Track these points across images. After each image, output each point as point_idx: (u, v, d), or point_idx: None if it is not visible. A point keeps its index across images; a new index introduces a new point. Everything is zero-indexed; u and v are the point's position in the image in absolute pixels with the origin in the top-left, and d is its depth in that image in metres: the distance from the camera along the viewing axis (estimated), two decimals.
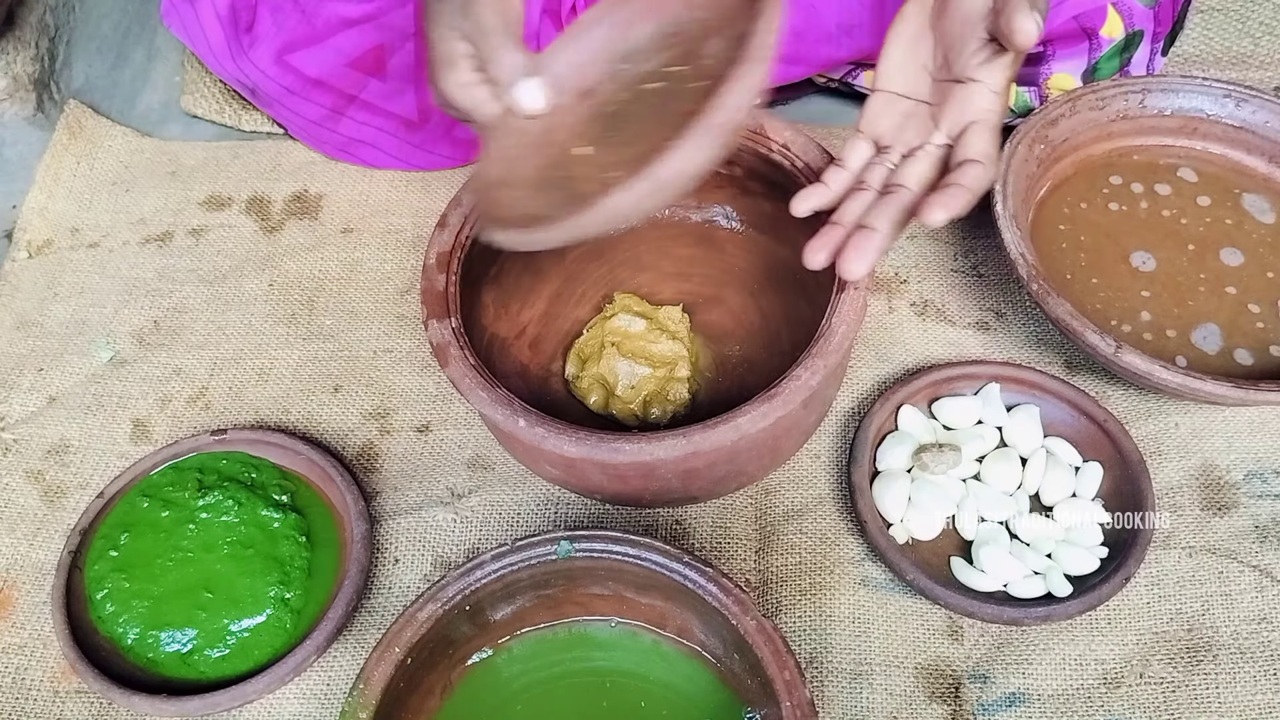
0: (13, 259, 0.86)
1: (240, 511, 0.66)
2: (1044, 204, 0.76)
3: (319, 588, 0.65)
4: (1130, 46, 0.77)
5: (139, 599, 0.64)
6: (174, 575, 0.64)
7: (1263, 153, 0.76)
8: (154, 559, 0.65)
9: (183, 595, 0.64)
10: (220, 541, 0.65)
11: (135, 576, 0.65)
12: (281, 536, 0.66)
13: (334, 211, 0.87)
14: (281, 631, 0.63)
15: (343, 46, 0.80)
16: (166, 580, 0.64)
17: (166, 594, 0.64)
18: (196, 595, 0.64)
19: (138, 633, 0.63)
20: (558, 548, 0.57)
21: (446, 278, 0.64)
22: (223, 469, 0.69)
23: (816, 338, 0.58)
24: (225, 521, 0.66)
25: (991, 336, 0.76)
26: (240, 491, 0.67)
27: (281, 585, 0.64)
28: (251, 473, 0.69)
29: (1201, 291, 0.71)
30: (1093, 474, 0.66)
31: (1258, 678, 0.61)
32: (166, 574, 0.65)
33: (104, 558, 0.65)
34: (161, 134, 0.95)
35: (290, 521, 0.67)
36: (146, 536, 0.66)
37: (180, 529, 0.66)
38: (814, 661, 0.63)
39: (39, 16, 0.98)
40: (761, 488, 0.70)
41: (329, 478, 0.68)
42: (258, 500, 0.67)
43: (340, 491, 0.68)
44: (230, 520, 0.66)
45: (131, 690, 0.60)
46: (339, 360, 0.78)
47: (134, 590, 0.64)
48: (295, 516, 0.67)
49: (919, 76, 0.59)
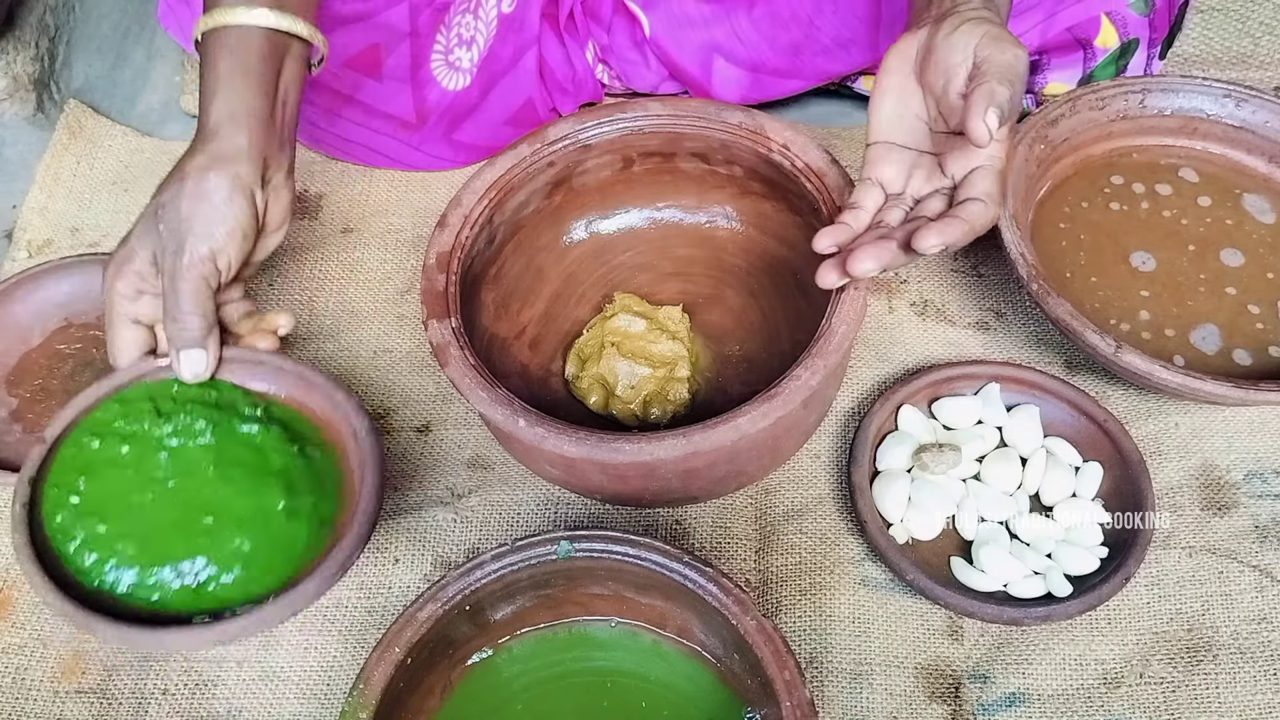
0: (13, 259, 0.86)
1: (216, 431, 0.60)
2: (1044, 204, 0.76)
3: (327, 491, 0.60)
4: (1126, 54, 0.77)
5: (123, 541, 0.57)
6: (159, 508, 0.58)
7: (1263, 153, 0.76)
8: (127, 496, 0.58)
9: (177, 527, 0.57)
10: (202, 465, 0.59)
11: (110, 518, 0.58)
12: (269, 449, 0.60)
13: (334, 211, 0.87)
14: (298, 541, 0.58)
15: (337, 45, 0.80)
16: (152, 516, 0.58)
17: (157, 529, 0.57)
18: (194, 523, 0.57)
19: (134, 576, 0.56)
20: (558, 548, 0.57)
21: (446, 278, 0.64)
22: (177, 395, 0.62)
23: (816, 338, 0.58)
24: (201, 445, 0.60)
25: (991, 336, 0.76)
26: (207, 411, 0.61)
27: (287, 495, 0.59)
28: (211, 392, 0.62)
29: (1201, 292, 0.71)
30: (1093, 474, 0.66)
31: (1258, 678, 0.61)
32: (148, 509, 0.58)
33: (65, 507, 0.58)
34: (161, 134, 0.95)
35: (273, 433, 0.61)
36: (109, 476, 0.59)
37: (149, 461, 0.59)
38: (814, 661, 0.63)
39: (39, 16, 0.98)
40: (761, 488, 0.70)
41: (307, 384, 0.63)
42: (230, 417, 0.61)
43: (324, 395, 0.62)
44: (206, 442, 0.60)
45: (160, 628, 0.54)
46: (339, 360, 0.78)
47: (114, 533, 0.57)
48: (276, 427, 0.61)
49: (915, 127, 0.58)
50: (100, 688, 0.65)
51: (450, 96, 0.83)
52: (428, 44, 0.80)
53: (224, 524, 0.57)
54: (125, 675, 0.65)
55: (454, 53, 0.81)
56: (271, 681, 0.65)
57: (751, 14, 0.82)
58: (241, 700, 0.64)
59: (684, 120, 0.69)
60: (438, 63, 0.81)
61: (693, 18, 0.83)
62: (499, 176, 0.67)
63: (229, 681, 0.65)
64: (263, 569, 0.57)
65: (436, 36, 0.80)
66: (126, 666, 0.65)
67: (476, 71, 0.82)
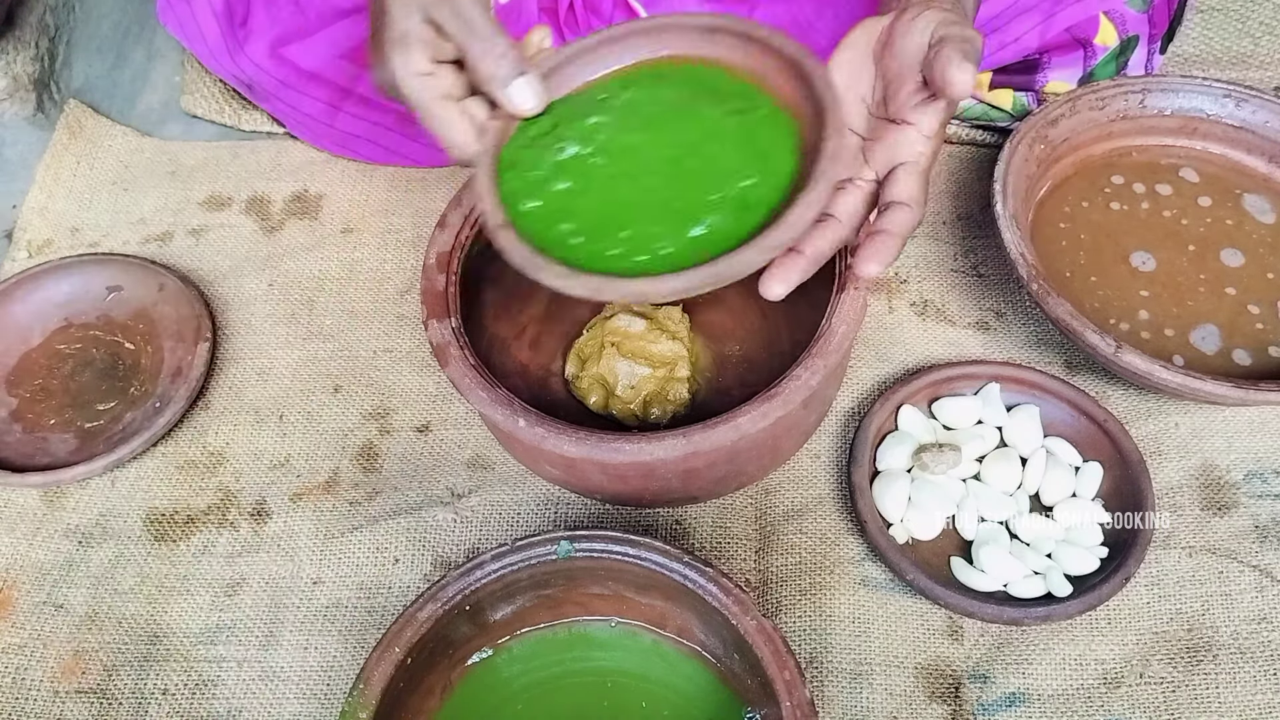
0: (13, 259, 0.86)
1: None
2: (1044, 204, 0.76)
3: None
4: (1126, 51, 0.77)
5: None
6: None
7: (1263, 153, 0.76)
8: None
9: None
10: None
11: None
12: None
13: (334, 211, 0.87)
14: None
15: (336, 38, 0.80)
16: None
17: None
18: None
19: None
20: (558, 548, 0.57)
21: (446, 278, 0.64)
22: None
23: (816, 338, 0.58)
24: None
25: (991, 336, 0.76)
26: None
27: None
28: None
29: (1201, 292, 0.71)
30: (1093, 474, 0.66)
31: (1258, 678, 0.61)
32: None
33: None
34: (161, 134, 0.95)
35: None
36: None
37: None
38: (814, 661, 0.63)
39: (39, 16, 0.98)
40: (761, 488, 0.70)
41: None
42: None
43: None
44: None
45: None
46: (339, 360, 0.78)
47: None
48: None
49: (856, 108, 0.57)
50: (100, 688, 0.65)
51: None
52: None
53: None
54: (125, 675, 0.65)
55: None
56: (271, 681, 0.65)
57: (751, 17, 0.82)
58: (241, 700, 0.64)
59: None
60: None
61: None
62: None
63: (229, 681, 0.65)
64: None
65: None
66: (126, 666, 0.66)
67: None
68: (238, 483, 0.73)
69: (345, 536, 0.70)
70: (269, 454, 0.74)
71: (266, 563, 0.69)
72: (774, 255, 0.48)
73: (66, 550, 0.71)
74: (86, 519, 0.72)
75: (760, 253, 0.47)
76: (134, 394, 0.77)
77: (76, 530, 0.71)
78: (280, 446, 0.74)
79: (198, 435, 0.75)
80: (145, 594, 0.68)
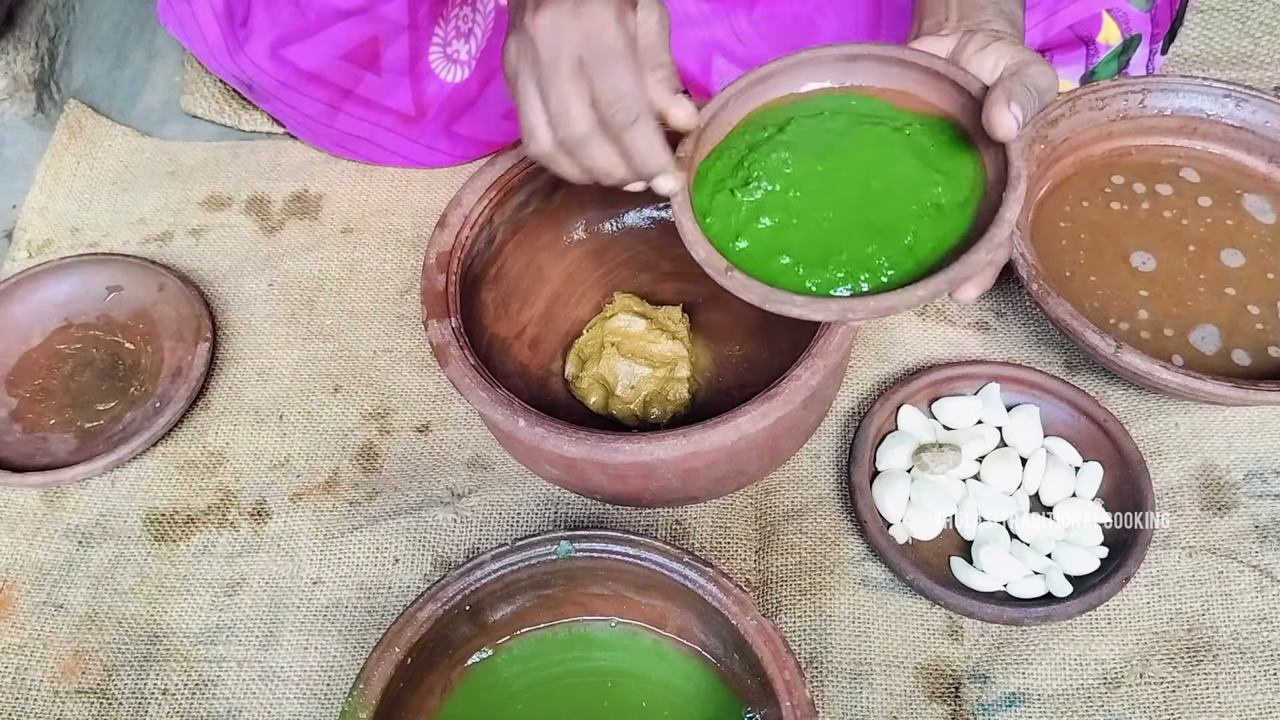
0: (13, 259, 0.86)
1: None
2: (1044, 204, 0.76)
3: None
4: (1128, 50, 0.77)
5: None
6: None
7: (1263, 153, 0.76)
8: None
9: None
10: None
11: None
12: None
13: (334, 211, 0.87)
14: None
15: (336, 39, 0.80)
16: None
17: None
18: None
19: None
20: (558, 548, 0.57)
21: (446, 278, 0.64)
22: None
23: (816, 337, 0.58)
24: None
25: (991, 336, 0.76)
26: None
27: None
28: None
29: (1201, 292, 0.71)
30: (1093, 474, 0.66)
31: (1258, 678, 0.61)
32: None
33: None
34: (161, 134, 0.95)
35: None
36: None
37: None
38: (814, 661, 0.63)
39: (39, 16, 0.98)
40: (761, 488, 0.70)
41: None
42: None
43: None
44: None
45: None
46: (339, 360, 0.78)
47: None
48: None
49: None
50: (100, 688, 0.65)
51: (449, 89, 0.83)
52: (426, 37, 0.80)
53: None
54: (125, 675, 0.65)
55: (452, 45, 0.81)
56: (271, 681, 0.65)
57: (752, 14, 0.82)
58: (241, 700, 0.64)
59: None
60: (436, 55, 0.81)
61: (692, 16, 0.83)
62: (499, 176, 0.67)
63: (229, 681, 0.65)
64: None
65: (435, 29, 0.80)
66: (126, 666, 0.66)
67: (475, 64, 0.82)
68: (238, 483, 0.73)
69: (345, 536, 0.70)
70: (269, 454, 0.74)
71: (266, 563, 0.69)
72: (997, 252, 0.50)
73: (66, 550, 0.71)
74: (86, 519, 0.72)
75: (987, 250, 0.49)
76: (134, 394, 0.77)
77: (76, 530, 0.71)
78: (280, 446, 0.74)
79: (198, 435, 0.75)
80: (145, 594, 0.69)
